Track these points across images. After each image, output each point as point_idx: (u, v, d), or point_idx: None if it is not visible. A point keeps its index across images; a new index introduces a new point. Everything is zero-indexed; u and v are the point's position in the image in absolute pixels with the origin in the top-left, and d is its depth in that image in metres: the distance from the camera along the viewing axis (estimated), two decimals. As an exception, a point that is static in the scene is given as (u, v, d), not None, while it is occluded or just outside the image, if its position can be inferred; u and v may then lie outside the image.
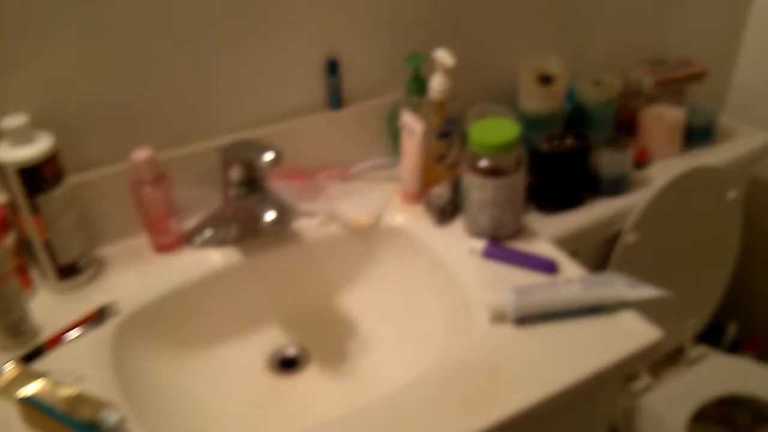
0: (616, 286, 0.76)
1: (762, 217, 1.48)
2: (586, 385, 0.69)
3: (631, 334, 0.73)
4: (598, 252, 1.09)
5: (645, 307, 0.77)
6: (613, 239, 1.08)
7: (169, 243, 0.85)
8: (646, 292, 0.76)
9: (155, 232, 0.84)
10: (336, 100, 0.95)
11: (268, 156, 0.77)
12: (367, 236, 0.89)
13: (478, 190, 0.82)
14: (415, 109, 0.90)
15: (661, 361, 1.29)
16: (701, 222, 1.18)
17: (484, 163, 0.81)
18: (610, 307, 0.75)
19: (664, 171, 1.10)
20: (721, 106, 1.46)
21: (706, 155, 1.17)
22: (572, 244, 1.01)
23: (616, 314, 0.75)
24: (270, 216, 0.80)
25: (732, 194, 1.18)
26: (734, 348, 1.53)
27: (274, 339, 0.85)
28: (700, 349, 1.31)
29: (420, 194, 0.90)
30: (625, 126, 1.15)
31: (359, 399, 0.72)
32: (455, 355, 0.70)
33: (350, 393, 0.77)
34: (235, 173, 0.82)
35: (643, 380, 1.23)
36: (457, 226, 0.89)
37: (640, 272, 1.10)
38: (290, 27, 0.88)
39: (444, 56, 0.86)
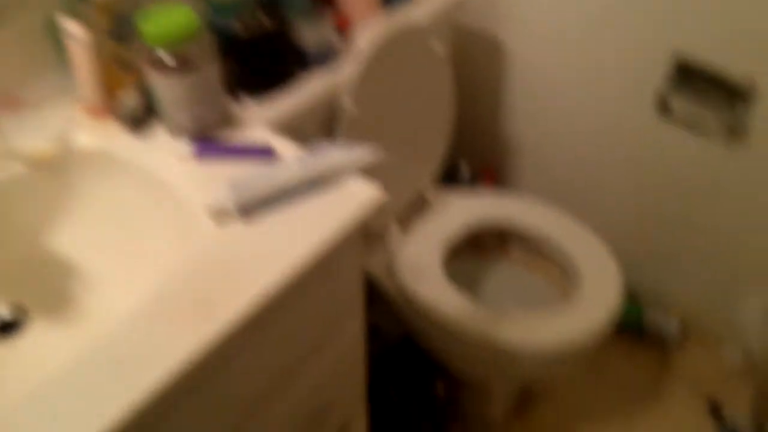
0: (333, 156, 0.77)
1: (470, 63, 1.61)
2: (324, 257, 0.69)
3: (356, 198, 0.74)
4: (324, 129, 1.10)
5: (379, 170, 0.79)
6: (334, 113, 1.09)
7: None
8: (364, 154, 0.78)
9: None
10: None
11: None
12: (59, 167, 0.78)
13: (167, 89, 0.75)
14: (77, 14, 0.77)
15: (408, 211, 1.38)
16: (415, 77, 1.23)
17: (165, 57, 0.73)
18: (332, 178, 0.76)
19: (367, 35, 1.11)
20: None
21: (407, 12, 1.20)
22: (294, 126, 0.99)
23: (339, 183, 0.76)
24: None
25: (438, 46, 1.24)
26: (473, 183, 1.70)
27: (-19, 308, 0.73)
28: (440, 192, 1.42)
29: (106, 106, 0.81)
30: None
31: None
32: (183, 267, 0.66)
33: (84, 340, 0.69)
34: None
35: (395, 233, 1.31)
36: (159, 132, 0.82)
37: (367, 138, 1.15)
38: None
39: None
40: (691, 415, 1.50)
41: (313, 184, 0.74)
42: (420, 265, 1.27)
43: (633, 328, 1.63)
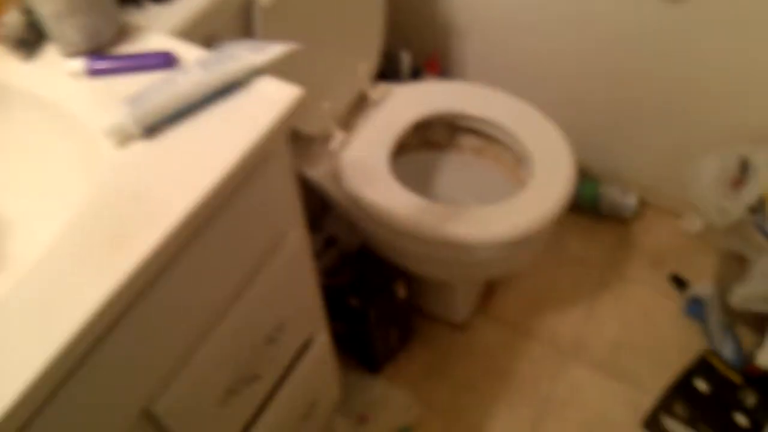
0: (240, 55, 0.70)
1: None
2: (243, 169, 0.64)
3: (271, 100, 0.68)
4: (241, 30, 1.01)
5: (311, 71, 0.72)
6: (249, 11, 0.99)
7: None
8: (273, 50, 0.71)
9: None
10: None
11: None
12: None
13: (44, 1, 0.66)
14: None
15: (350, 112, 1.31)
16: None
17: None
18: (243, 80, 0.69)
19: None
20: None
21: None
22: (205, 30, 0.91)
23: (250, 85, 0.69)
24: None
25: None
26: (416, 75, 1.63)
27: None
28: (382, 88, 1.35)
29: (-20, 29, 0.71)
30: None
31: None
32: (91, 199, 0.60)
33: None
34: None
35: (338, 137, 1.25)
36: (51, 52, 0.73)
37: (290, 36, 1.06)
38: None
39: None
40: (654, 288, 1.53)
41: (222, 89, 0.67)
42: (366, 167, 1.22)
43: (590, 205, 1.63)
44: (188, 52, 0.73)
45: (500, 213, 1.14)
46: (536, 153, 1.23)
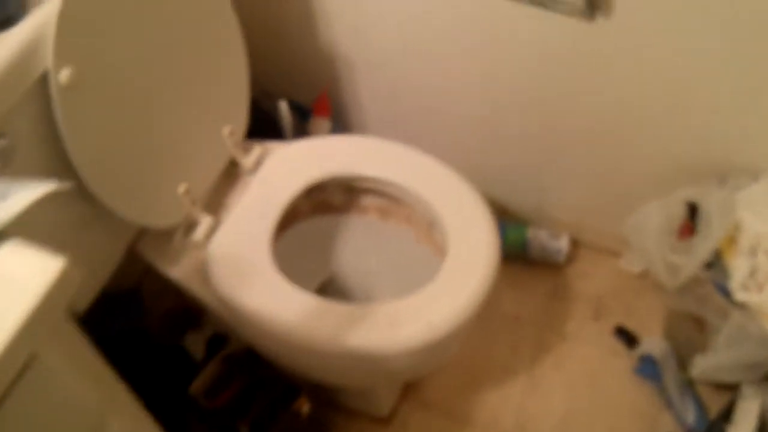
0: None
1: None
2: None
3: (15, 285, 0.42)
4: (38, 117, 0.73)
5: (149, 154, 0.46)
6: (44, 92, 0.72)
7: None
8: (21, 200, 0.44)
9: None
10: None
11: None
12: None
13: None
14: None
15: (217, 189, 1.05)
16: (171, 14, 0.87)
17: None
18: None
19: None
20: None
21: None
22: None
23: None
24: None
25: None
26: (304, 118, 1.37)
27: None
28: (257, 151, 1.09)
29: None
30: None
31: None
32: None
33: None
34: None
35: (203, 224, 0.99)
36: None
37: (108, 117, 0.78)
38: None
39: None
40: (598, 345, 1.34)
41: None
42: (241, 260, 0.96)
43: (519, 252, 1.42)
44: None
45: (412, 309, 0.91)
46: (447, 218, 1.00)
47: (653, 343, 1.28)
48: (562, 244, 1.40)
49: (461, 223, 0.99)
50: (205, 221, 0.98)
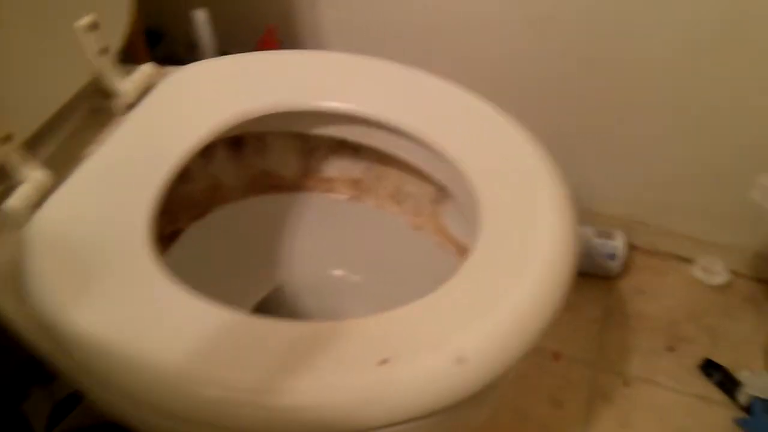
0: None
1: None
2: None
3: None
4: None
5: None
6: None
7: None
8: None
9: None
10: None
11: None
12: None
13: None
14: None
15: (72, 134, 0.60)
16: None
17: None
18: None
19: None
20: None
21: None
22: None
23: None
24: None
25: None
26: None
27: None
28: (145, 73, 0.65)
29: None
30: None
31: None
32: None
33: None
34: None
35: (32, 183, 0.53)
36: None
37: None
38: None
39: None
40: (677, 389, 0.90)
41: None
42: (95, 254, 0.50)
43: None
44: None
45: (424, 331, 0.46)
46: (483, 185, 0.56)
47: (761, 381, 0.86)
48: (618, 244, 0.98)
49: (509, 195, 0.55)
50: (33, 179, 0.53)
